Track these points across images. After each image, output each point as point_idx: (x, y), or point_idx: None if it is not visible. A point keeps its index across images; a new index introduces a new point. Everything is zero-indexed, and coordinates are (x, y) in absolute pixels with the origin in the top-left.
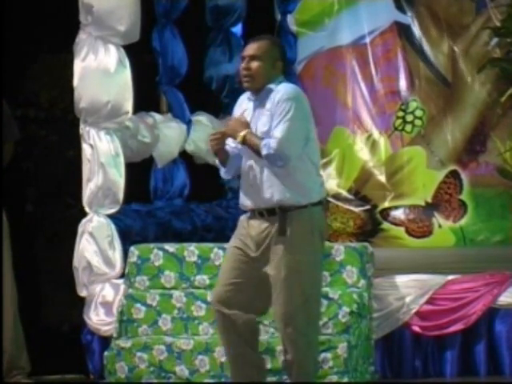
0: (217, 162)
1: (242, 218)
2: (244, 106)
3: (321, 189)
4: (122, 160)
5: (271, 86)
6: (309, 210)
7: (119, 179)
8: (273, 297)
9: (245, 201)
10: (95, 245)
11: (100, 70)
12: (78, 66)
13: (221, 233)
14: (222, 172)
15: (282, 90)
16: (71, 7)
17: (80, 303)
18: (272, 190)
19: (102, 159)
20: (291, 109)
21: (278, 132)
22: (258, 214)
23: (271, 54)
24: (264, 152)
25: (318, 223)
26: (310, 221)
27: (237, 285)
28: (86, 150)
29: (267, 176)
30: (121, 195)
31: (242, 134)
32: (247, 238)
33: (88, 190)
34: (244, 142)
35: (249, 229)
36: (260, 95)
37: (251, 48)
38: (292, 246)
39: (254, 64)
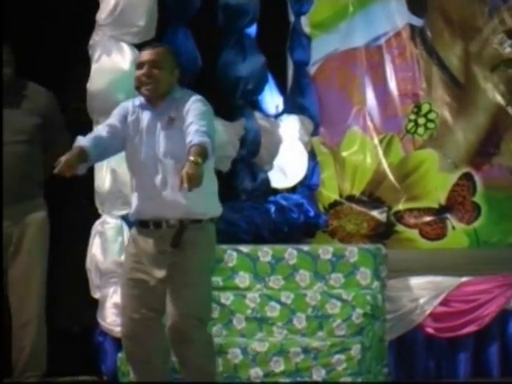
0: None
1: (131, 235)
2: (135, 114)
3: (219, 206)
4: None
5: (173, 95)
6: (207, 225)
7: None
8: (168, 299)
9: (142, 209)
10: (108, 246)
11: (113, 70)
12: (93, 67)
13: (233, 236)
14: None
15: (190, 95)
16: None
17: (93, 304)
18: (180, 200)
19: (114, 160)
20: (206, 110)
21: (202, 126)
22: (153, 224)
23: (170, 61)
24: (201, 139)
25: (213, 238)
26: (207, 234)
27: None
28: None
29: (176, 185)
30: None
31: (194, 159)
32: (142, 257)
33: (99, 190)
34: (202, 160)
35: (143, 245)
36: (161, 104)
37: (150, 54)
38: (187, 254)
39: (156, 71)
